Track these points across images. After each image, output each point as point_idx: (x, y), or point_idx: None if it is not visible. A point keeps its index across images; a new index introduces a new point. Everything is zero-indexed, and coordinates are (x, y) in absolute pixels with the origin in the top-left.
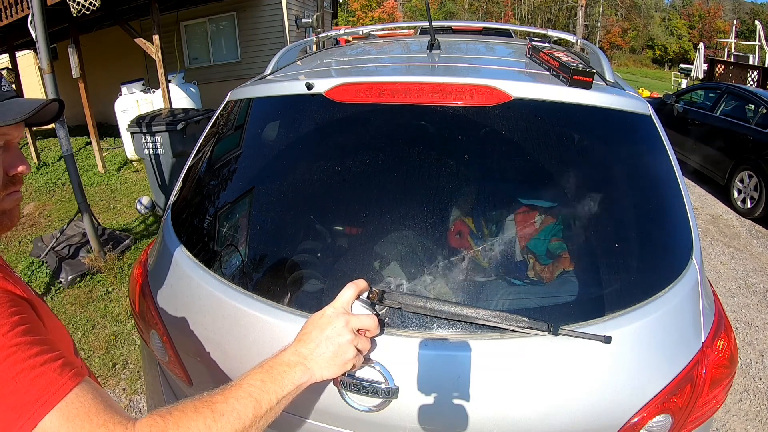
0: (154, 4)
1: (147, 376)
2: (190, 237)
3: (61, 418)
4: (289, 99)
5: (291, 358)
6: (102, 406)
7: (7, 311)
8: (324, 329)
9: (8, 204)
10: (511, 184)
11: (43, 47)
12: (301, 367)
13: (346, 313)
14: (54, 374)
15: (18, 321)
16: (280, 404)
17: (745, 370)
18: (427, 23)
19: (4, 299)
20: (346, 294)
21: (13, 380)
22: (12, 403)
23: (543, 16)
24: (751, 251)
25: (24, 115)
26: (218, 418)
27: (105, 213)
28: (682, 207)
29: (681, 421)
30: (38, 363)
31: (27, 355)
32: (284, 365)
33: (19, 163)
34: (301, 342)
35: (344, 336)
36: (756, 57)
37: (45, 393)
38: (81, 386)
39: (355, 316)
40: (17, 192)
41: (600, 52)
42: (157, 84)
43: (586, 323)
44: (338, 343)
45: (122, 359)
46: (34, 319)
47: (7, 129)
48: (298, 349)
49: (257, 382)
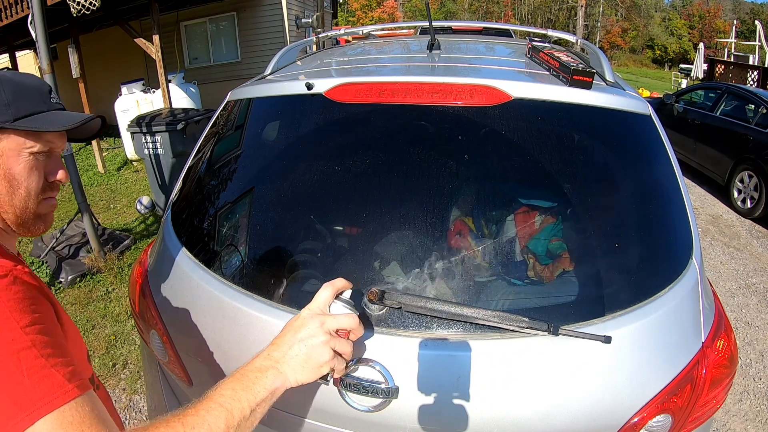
0: (154, 4)
1: (147, 376)
2: (190, 237)
3: (55, 423)
4: (289, 99)
5: (263, 363)
6: (96, 420)
7: (30, 307)
8: (297, 331)
9: (44, 209)
10: (511, 184)
11: (43, 47)
12: (273, 372)
13: (321, 314)
14: (62, 379)
15: (38, 319)
16: (255, 413)
17: (745, 370)
18: (427, 23)
19: (29, 294)
20: (321, 295)
21: (21, 374)
22: (15, 396)
23: (543, 16)
24: (751, 251)
25: (70, 125)
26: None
27: (105, 213)
28: (682, 207)
29: (681, 421)
30: (49, 364)
31: (41, 353)
32: (256, 371)
33: (59, 171)
34: (274, 345)
35: (318, 337)
36: (756, 57)
37: (49, 395)
38: (83, 397)
39: (332, 317)
40: (53, 198)
41: (600, 52)
42: (157, 84)
43: (586, 323)
44: (311, 344)
45: (122, 359)
46: (53, 321)
47: (52, 137)
48: (270, 353)
49: (228, 391)
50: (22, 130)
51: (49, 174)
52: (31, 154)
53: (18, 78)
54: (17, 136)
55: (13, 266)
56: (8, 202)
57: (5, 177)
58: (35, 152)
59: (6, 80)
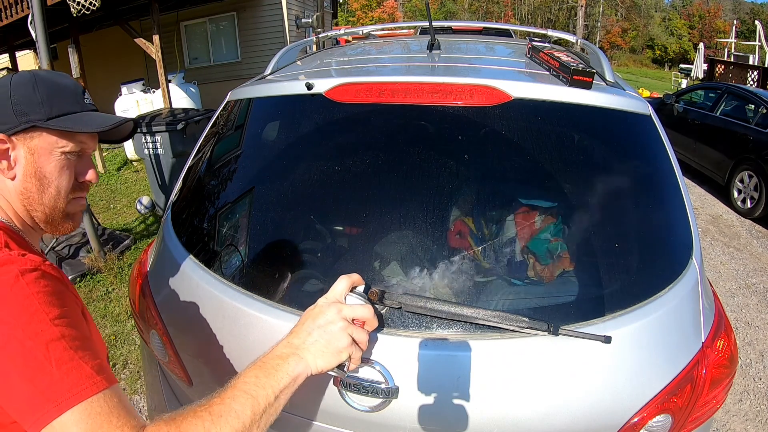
0: (154, 4)
1: (147, 376)
2: (190, 237)
3: (83, 414)
4: (289, 99)
5: (284, 351)
6: (124, 412)
7: (58, 300)
8: (316, 318)
9: (73, 208)
10: (511, 184)
11: (43, 47)
12: (294, 358)
13: (338, 302)
14: (90, 370)
15: (66, 312)
16: (279, 399)
17: (745, 370)
18: (427, 23)
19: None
20: (339, 285)
21: (50, 365)
22: (44, 386)
23: (543, 16)
24: (751, 251)
25: (104, 127)
26: (216, 420)
27: (105, 213)
28: (682, 207)
29: (681, 421)
30: (77, 356)
31: (69, 345)
32: (277, 358)
33: (89, 171)
34: (293, 334)
35: (336, 323)
36: (756, 57)
37: (77, 386)
38: (111, 389)
39: (348, 306)
40: (83, 198)
41: (600, 52)
42: (157, 84)
43: (586, 323)
44: (331, 330)
45: (122, 359)
46: (79, 316)
47: (85, 138)
48: (290, 340)
49: (252, 378)
50: (55, 130)
51: (79, 174)
52: (63, 153)
53: (53, 77)
54: (50, 135)
55: (42, 261)
56: (38, 201)
57: (36, 175)
58: (67, 152)
59: (40, 79)
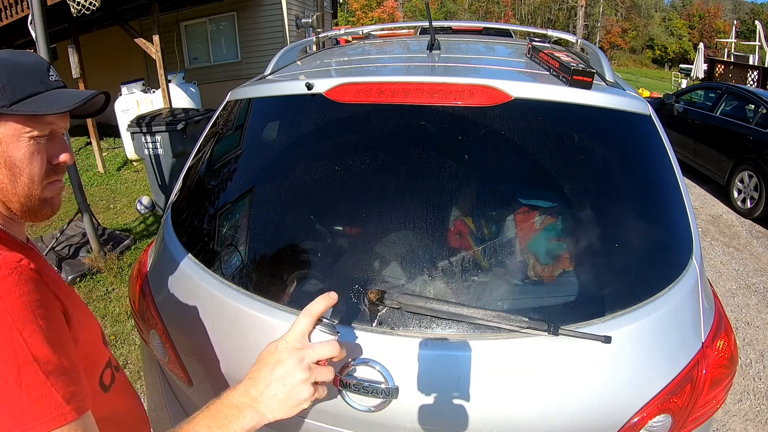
0: (154, 4)
1: (147, 376)
2: (190, 237)
3: None
4: (289, 99)
5: (240, 400)
6: None
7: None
8: (274, 368)
9: (50, 192)
10: (511, 184)
11: (43, 47)
12: (250, 411)
13: (300, 349)
14: (60, 399)
15: (43, 326)
16: None
17: (745, 370)
18: (427, 23)
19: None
20: (300, 325)
21: (20, 389)
22: (13, 411)
23: (543, 16)
24: (751, 251)
25: (71, 106)
26: None
27: (105, 213)
28: (682, 207)
29: (681, 421)
30: (49, 382)
31: (42, 369)
32: (233, 408)
33: (62, 153)
34: (251, 381)
35: (297, 375)
36: (756, 57)
37: (45, 415)
38: (78, 422)
39: (311, 348)
40: (59, 181)
41: (600, 52)
42: (157, 84)
43: (586, 323)
44: (291, 383)
45: (122, 359)
46: (59, 324)
47: (54, 118)
48: (248, 389)
49: (203, 428)
50: (20, 115)
51: (52, 157)
52: (32, 138)
53: (14, 57)
54: (15, 122)
55: (18, 262)
56: (12, 191)
57: (6, 165)
58: (36, 136)
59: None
